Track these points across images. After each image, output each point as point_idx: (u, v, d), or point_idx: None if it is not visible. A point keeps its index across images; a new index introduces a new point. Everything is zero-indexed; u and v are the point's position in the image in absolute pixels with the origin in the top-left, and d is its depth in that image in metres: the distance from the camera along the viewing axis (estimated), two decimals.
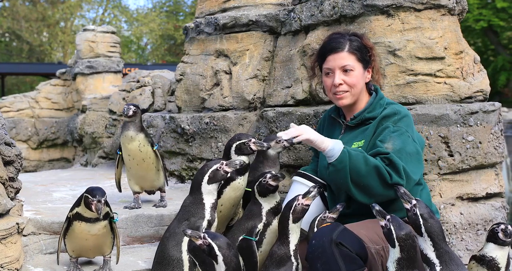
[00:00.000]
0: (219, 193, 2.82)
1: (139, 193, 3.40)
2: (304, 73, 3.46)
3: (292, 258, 2.34)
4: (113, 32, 7.70)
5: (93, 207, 2.45)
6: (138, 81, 5.74)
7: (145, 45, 30.37)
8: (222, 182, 2.79)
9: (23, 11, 24.41)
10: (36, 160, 7.88)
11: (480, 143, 3.01)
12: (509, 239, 2.27)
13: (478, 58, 3.32)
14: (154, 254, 2.62)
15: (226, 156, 2.85)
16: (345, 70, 2.56)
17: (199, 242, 2.20)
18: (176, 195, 3.75)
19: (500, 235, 2.27)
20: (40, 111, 7.91)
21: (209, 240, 2.18)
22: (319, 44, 3.25)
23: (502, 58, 19.74)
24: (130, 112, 3.19)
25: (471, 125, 2.97)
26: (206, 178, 2.57)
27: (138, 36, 28.82)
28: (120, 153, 3.33)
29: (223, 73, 4.02)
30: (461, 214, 3.01)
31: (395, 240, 2.09)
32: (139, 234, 3.18)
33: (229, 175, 2.64)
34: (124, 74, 8.06)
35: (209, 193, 2.57)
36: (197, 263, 2.49)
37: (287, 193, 2.83)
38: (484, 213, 3.10)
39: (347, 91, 2.57)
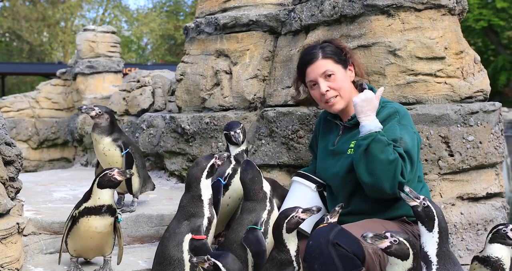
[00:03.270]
0: (227, 185, 2.84)
1: (121, 193, 3.36)
2: None
3: (294, 263, 2.33)
4: (113, 32, 7.70)
5: (116, 176, 2.55)
6: (138, 81, 5.74)
7: (145, 45, 30.38)
8: (230, 171, 2.84)
9: (23, 11, 24.40)
10: (37, 159, 7.88)
11: (480, 142, 3.01)
12: None
13: (479, 58, 3.32)
14: (154, 255, 2.62)
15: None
16: (327, 76, 2.57)
17: (206, 265, 2.24)
18: (176, 195, 3.75)
19: (511, 235, 2.25)
20: (41, 111, 7.91)
21: (213, 260, 2.23)
22: None
23: (502, 58, 19.74)
24: (93, 113, 3.12)
25: (472, 125, 2.97)
26: (205, 173, 2.60)
27: (138, 36, 28.82)
28: None
29: (224, 73, 4.02)
30: (462, 214, 3.01)
31: (410, 249, 2.05)
32: (139, 234, 3.18)
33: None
34: (125, 74, 8.06)
35: (206, 187, 2.61)
36: None
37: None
38: (484, 213, 3.10)
39: (336, 96, 2.58)
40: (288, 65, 3.61)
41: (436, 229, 2.09)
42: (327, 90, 2.57)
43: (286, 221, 2.32)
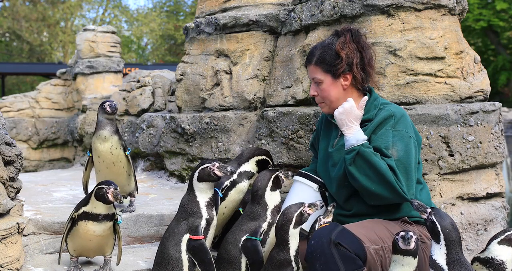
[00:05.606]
0: (224, 195, 2.84)
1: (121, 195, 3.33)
2: (305, 73, 3.46)
3: (293, 263, 2.34)
4: (113, 32, 7.70)
5: (110, 195, 2.47)
6: (138, 81, 5.74)
7: (145, 45, 30.38)
8: (228, 184, 2.83)
9: (23, 11, 24.40)
10: (37, 159, 7.88)
11: (480, 142, 3.01)
12: None
13: (479, 58, 3.32)
14: (155, 254, 2.63)
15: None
16: (316, 82, 2.60)
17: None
18: (176, 195, 3.76)
19: None
20: (41, 111, 7.91)
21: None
22: None
23: (502, 58, 19.77)
24: (115, 109, 3.09)
25: (472, 125, 2.97)
26: (196, 175, 2.59)
27: (138, 36, 28.82)
28: (91, 154, 3.22)
29: (224, 73, 4.02)
30: (462, 214, 3.01)
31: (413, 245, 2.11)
32: (139, 234, 3.18)
33: (221, 178, 2.64)
34: (125, 74, 8.06)
35: (201, 191, 2.58)
36: (196, 263, 2.49)
37: (287, 193, 2.83)
38: (484, 213, 3.10)
39: (322, 102, 2.62)
40: (288, 65, 3.61)
41: (442, 242, 2.09)
42: (314, 95, 2.63)
43: (296, 214, 2.35)
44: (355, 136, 2.42)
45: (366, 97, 2.52)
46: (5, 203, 2.42)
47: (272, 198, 2.67)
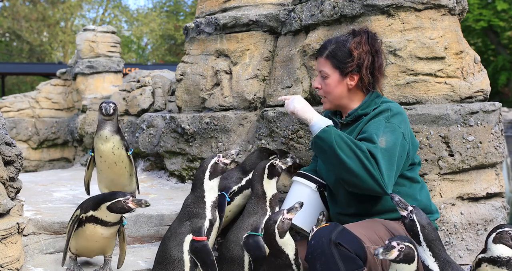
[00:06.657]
0: (231, 199, 2.85)
1: None
2: (305, 73, 3.46)
3: (294, 266, 2.33)
4: (113, 32, 7.70)
5: (131, 204, 2.42)
6: (138, 81, 5.74)
7: (145, 45, 30.38)
8: (235, 189, 2.84)
9: (23, 11, 24.41)
10: (37, 159, 7.88)
11: (480, 142, 3.01)
12: None
13: (479, 58, 3.32)
14: (155, 254, 2.62)
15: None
16: (322, 76, 2.60)
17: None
18: (176, 195, 3.76)
19: None
20: (41, 111, 7.91)
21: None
22: (319, 44, 3.26)
23: (502, 58, 19.77)
24: (111, 111, 3.07)
25: (472, 125, 2.97)
26: (207, 173, 2.58)
27: (138, 36, 28.84)
28: (93, 154, 3.20)
29: (224, 73, 4.02)
30: (462, 214, 3.01)
31: (415, 251, 2.06)
32: (139, 234, 3.18)
33: (228, 165, 2.70)
34: (125, 74, 8.06)
35: (211, 189, 2.58)
36: (198, 264, 2.49)
37: (287, 193, 2.83)
38: (484, 213, 3.10)
39: (324, 97, 2.63)
40: (288, 65, 3.61)
41: (423, 243, 2.08)
42: (317, 88, 2.64)
43: (277, 226, 2.30)
44: (321, 118, 2.43)
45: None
46: (5, 203, 2.42)
47: (270, 186, 2.70)
